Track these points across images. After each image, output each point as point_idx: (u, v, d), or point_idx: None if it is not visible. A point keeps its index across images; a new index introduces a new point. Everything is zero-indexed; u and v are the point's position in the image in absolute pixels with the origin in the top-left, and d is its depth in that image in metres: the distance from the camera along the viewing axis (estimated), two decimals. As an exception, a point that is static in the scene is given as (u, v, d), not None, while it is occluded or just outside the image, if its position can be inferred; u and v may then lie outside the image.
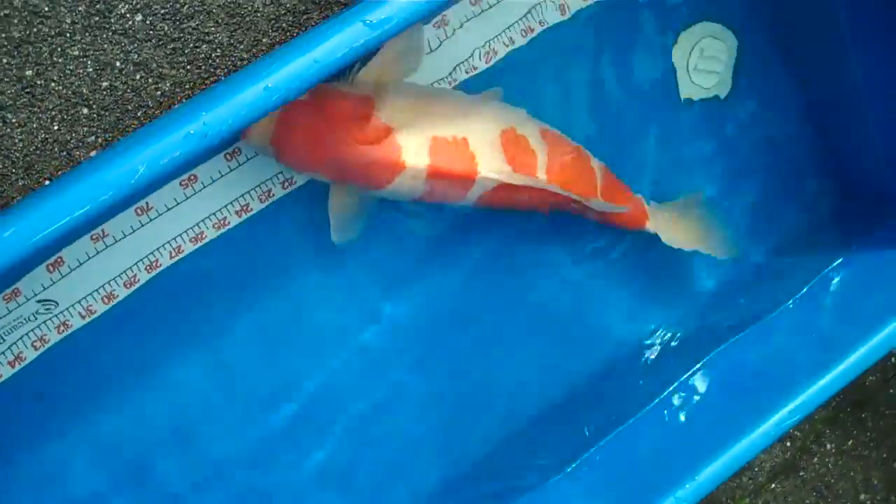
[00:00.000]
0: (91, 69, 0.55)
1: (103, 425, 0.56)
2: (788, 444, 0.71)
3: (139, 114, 0.56)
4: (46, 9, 0.54)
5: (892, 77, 0.59)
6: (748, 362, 0.59)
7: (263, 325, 0.58)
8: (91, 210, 0.42)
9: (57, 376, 0.55)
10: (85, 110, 0.56)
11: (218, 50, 0.57)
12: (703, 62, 0.63)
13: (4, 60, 0.54)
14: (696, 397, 0.60)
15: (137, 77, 0.56)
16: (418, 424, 0.60)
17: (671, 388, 0.60)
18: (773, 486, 0.71)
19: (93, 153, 0.56)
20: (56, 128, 0.55)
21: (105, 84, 0.56)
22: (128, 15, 0.55)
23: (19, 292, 0.54)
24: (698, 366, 0.60)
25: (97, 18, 0.54)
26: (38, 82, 0.55)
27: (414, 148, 0.53)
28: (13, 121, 0.55)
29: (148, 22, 0.56)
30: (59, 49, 0.55)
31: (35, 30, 0.54)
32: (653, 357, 0.64)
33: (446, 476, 0.60)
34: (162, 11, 0.55)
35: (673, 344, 0.64)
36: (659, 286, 0.64)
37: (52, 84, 0.55)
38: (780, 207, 0.65)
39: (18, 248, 0.41)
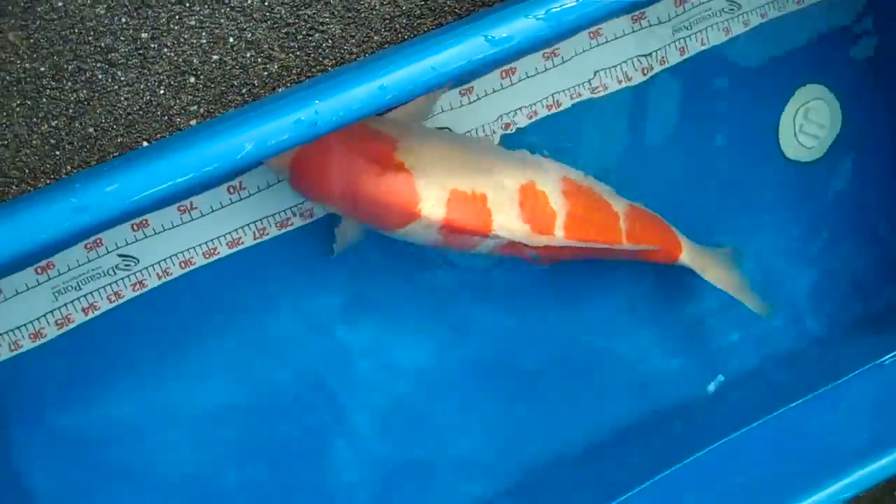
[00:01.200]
0: (204, 41, 0.56)
1: (168, 387, 0.57)
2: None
3: (244, 91, 0.57)
4: (174, -24, 0.55)
5: None
6: (807, 429, 0.58)
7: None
8: (193, 179, 0.42)
9: (124, 332, 0.56)
10: (192, 79, 0.57)
11: (329, 41, 0.58)
12: (808, 125, 0.62)
13: (123, 20, 0.55)
14: (746, 455, 0.59)
15: (248, 55, 0.57)
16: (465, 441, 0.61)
17: (721, 442, 0.60)
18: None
19: (193, 122, 0.57)
20: (162, 92, 0.57)
21: (215, 57, 0.57)
22: (250, -6, 0.56)
23: (101, 243, 0.55)
24: (753, 425, 0.60)
25: (220, -7, 0.56)
26: (152, 45, 0.56)
27: (432, 199, 0.52)
28: (122, 78, 0.56)
29: (266, 3, 0.57)
30: (177, 17, 0.56)
31: (159, -5, 0.55)
32: (705, 407, 0.63)
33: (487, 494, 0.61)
34: (283, -5, 0.56)
35: (728, 398, 0.63)
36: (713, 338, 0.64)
37: (165, 50, 0.56)
38: (862, 278, 0.65)
39: (119, 203, 0.42)
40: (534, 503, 0.61)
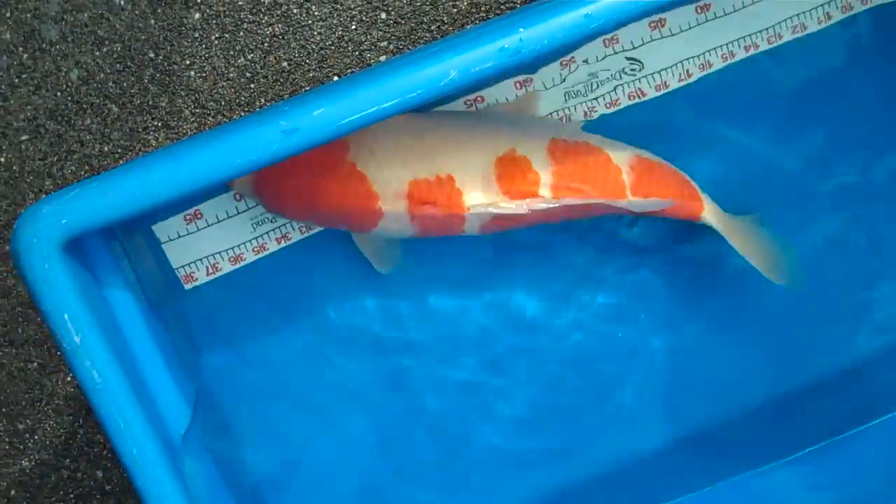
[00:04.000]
0: (396, -24, 0.57)
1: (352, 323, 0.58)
2: None
3: (433, 28, 0.57)
4: (371, -90, 0.55)
5: None
6: None
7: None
8: (397, 104, 0.43)
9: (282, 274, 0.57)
10: (383, 15, 0.57)
11: (520, -23, 0.57)
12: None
13: (319, -45, 0.56)
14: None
15: (438, -9, 0.57)
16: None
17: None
18: None
19: (382, 58, 0.58)
20: (354, 27, 0.57)
21: (407, -7, 0.57)
22: (444, -72, 0.56)
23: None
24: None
25: (415, -73, 0.56)
26: (345, -19, 0.57)
27: (390, 195, 0.51)
28: (316, 13, 0.57)
29: (458, -61, 0.56)
30: (370, -48, 0.56)
31: (357, -71, 0.56)
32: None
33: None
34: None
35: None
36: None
37: (358, -15, 0.57)
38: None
39: (324, 129, 0.43)
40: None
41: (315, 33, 0.57)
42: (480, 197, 0.51)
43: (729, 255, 0.57)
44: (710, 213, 0.55)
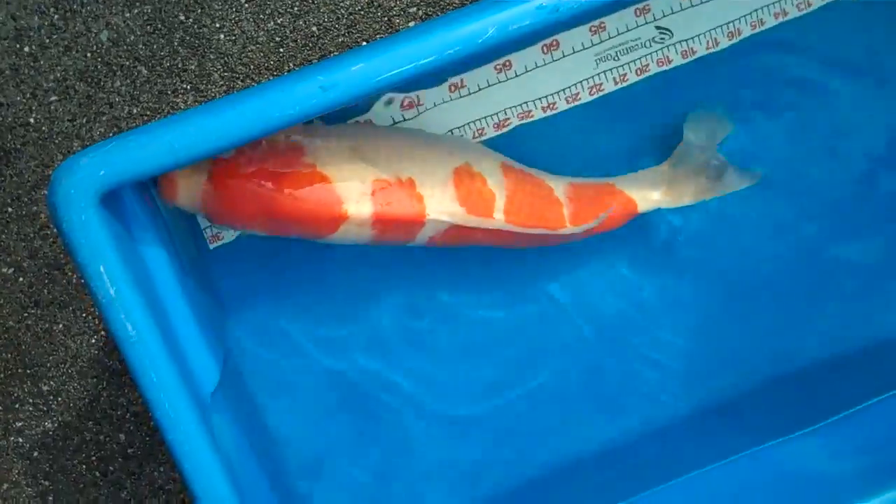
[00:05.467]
0: (426, -58, 0.57)
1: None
2: None
3: (462, -6, 0.58)
4: None
5: None
6: None
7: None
8: (436, 60, 0.43)
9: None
10: (413, -19, 0.57)
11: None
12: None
13: (349, -80, 0.56)
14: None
15: (468, -43, 0.57)
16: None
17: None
18: None
19: (411, 24, 0.58)
20: (383, -7, 0.57)
21: (437, -41, 0.57)
22: None
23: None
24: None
25: None
26: (375, -53, 0.57)
27: (355, 196, 0.49)
28: (346, -21, 0.57)
29: None
30: (401, -82, 0.57)
31: None
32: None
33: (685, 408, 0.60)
34: None
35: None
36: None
37: (387, -49, 0.57)
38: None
39: (362, 84, 0.43)
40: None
41: (344, -2, 0.57)
42: (439, 203, 0.51)
43: (744, 220, 0.57)
44: (644, 202, 0.56)
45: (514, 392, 0.59)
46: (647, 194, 0.56)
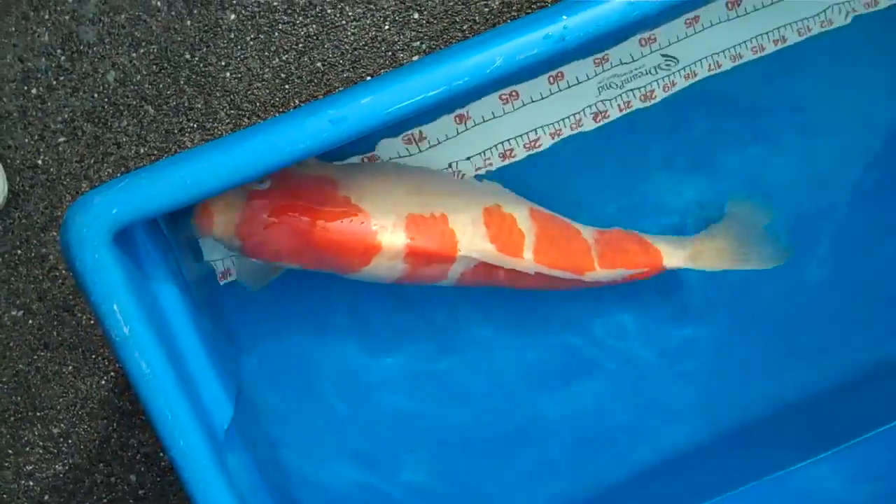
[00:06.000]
0: (428, -23, 0.58)
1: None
2: None
3: (465, 27, 0.58)
4: (406, -90, 0.56)
5: None
6: None
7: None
8: (446, 90, 0.43)
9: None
10: (416, 15, 0.58)
11: (552, -24, 0.58)
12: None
13: (352, -43, 0.57)
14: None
15: (470, -9, 0.58)
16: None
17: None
18: None
19: (415, 58, 0.58)
20: (387, 27, 0.58)
21: (439, -7, 0.58)
22: (477, -72, 0.57)
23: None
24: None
25: (449, -73, 0.57)
26: (378, -18, 0.57)
27: (389, 227, 0.50)
28: (349, 14, 0.58)
29: (489, -60, 0.57)
30: (402, -46, 0.57)
31: (391, -71, 0.56)
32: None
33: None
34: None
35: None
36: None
37: (390, -14, 0.57)
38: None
39: (372, 117, 0.43)
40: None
41: (349, 34, 0.58)
42: (471, 242, 0.51)
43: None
44: (670, 259, 0.56)
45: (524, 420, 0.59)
46: (674, 252, 0.56)
